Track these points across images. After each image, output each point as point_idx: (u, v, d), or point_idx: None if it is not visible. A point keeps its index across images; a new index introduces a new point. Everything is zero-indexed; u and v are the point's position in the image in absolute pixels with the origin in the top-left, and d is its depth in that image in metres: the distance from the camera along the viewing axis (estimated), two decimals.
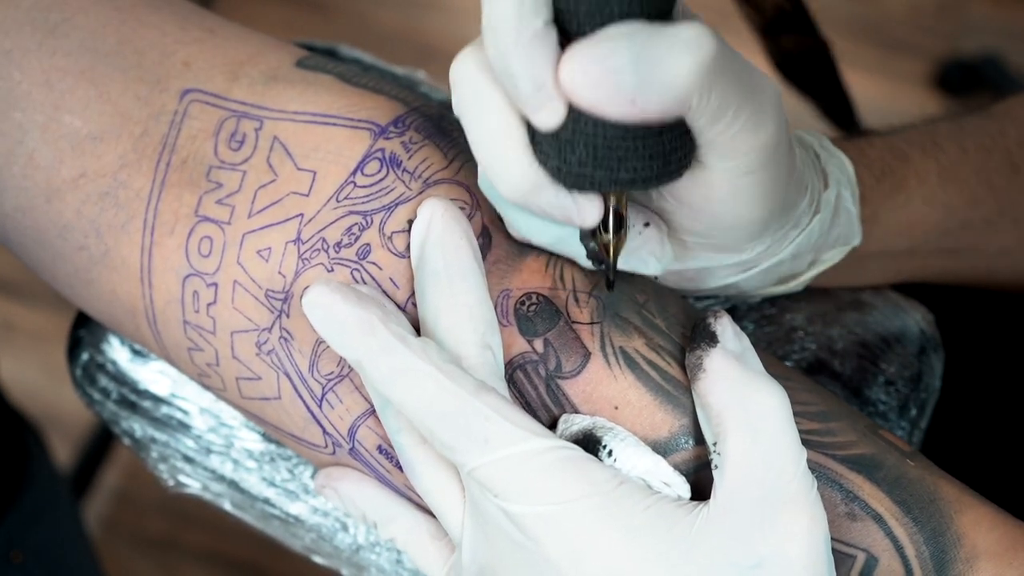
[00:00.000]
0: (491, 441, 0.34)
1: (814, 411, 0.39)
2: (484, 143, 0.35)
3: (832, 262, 0.43)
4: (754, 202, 0.36)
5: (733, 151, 0.34)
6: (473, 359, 0.36)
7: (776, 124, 0.34)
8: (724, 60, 0.31)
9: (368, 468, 0.41)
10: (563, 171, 0.34)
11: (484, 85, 0.34)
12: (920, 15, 1.66)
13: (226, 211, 0.41)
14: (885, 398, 0.48)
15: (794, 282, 0.44)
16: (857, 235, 0.43)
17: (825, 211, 0.41)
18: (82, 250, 0.43)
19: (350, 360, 0.36)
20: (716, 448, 0.35)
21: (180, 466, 0.51)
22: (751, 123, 0.33)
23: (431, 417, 0.35)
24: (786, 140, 0.35)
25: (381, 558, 0.49)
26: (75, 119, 0.42)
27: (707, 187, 0.35)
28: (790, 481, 0.34)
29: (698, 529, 0.34)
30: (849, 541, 0.38)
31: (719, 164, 0.34)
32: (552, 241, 0.38)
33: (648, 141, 0.33)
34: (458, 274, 0.37)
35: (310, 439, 0.42)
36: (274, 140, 0.41)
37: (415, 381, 0.35)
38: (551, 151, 0.34)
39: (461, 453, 0.35)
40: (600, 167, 0.33)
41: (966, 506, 0.38)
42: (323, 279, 0.38)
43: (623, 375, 0.38)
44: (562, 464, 0.34)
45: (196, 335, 0.42)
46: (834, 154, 0.43)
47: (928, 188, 0.45)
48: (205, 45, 0.44)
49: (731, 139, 0.33)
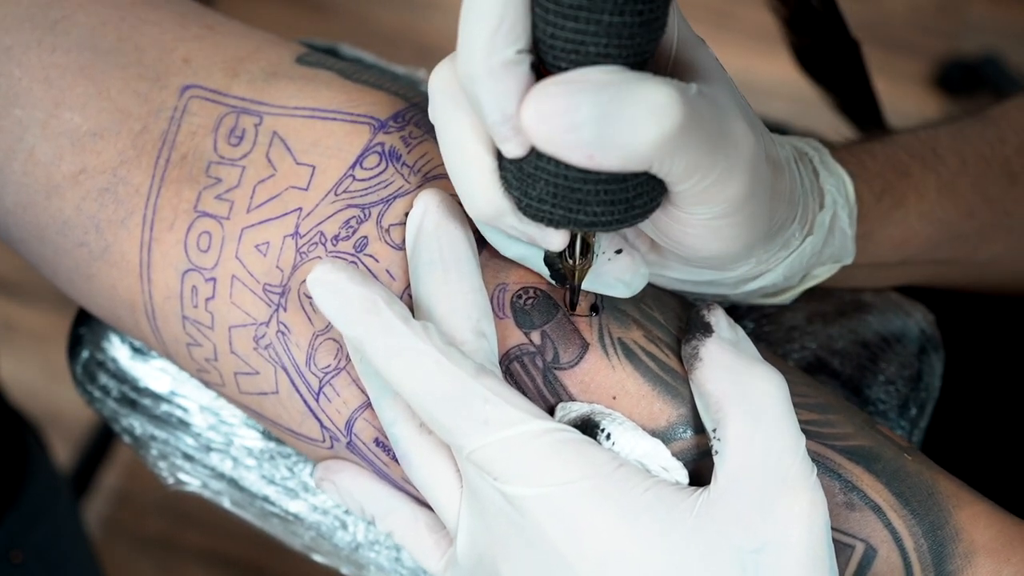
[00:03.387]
0: (490, 423, 0.34)
1: (812, 403, 0.39)
2: (453, 162, 0.35)
3: (822, 278, 0.43)
4: (732, 240, 0.35)
5: (704, 203, 0.33)
6: (469, 345, 0.36)
7: (750, 177, 0.33)
8: (692, 125, 0.30)
9: (365, 461, 0.41)
10: (523, 203, 0.33)
11: (456, 104, 0.33)
12: (920, 15, 1.66)
13: (225, 206, 0.41)
14: (885, 397, 0.48)
15: (784, 295, 0.44)
16: (850, 254, 0.43)
17: (818, 233, 0.41)
18: (82, 246, 0.43)
19: (350, 338, 0.35)
20: (716, 434, 0.35)
21: (180, 464, 0.51)
22: (722, 179, 0.32)
23: (430, 398, 0.34)
24: (764, 185, 0.35)
25: (380, 556, 0.49)
26: (75, 116, 0.42)
27: (682, 224, 0.35)
28: (791, 465, 0.34)
29: (699, 512, 0.34)
30: (848, 531, 0.38)
31: (689, 209, 0.34)
32: (517, 257, 0.38)
33: (611, 187, 0.32)
34: (453, 263, 0.37)
35: (308, 433, 0.42)
36: (273, 135, 0.42)
37: (415, 361, 0.34)
38: (514, 181, 0.33)
39: (460, 435, 0.34)
40: (559, 207, 0.32)
41: (964, 502, 0.38)
42: (328, 259, 0.38)
43: (621, 365, 0.38)
44: (561, 446, 0.34)
45: (195, 330, 0.42)
46: (833, 171, 0.42)
47: (926, 204, 0.45)
48: (205, 42, 0.44)
49: (701, 193, 0.33)
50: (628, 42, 0.30)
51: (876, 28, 1.61)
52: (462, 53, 0.31)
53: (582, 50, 0.30)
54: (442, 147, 0.35)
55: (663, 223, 0.35)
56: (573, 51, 0.30)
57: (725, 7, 1.62)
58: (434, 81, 0.34)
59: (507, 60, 0.30)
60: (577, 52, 0.30)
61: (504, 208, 0.34)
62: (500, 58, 0.30)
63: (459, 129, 0.34)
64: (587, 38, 0.29)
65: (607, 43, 0.30)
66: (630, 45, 0.30)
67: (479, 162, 0.34)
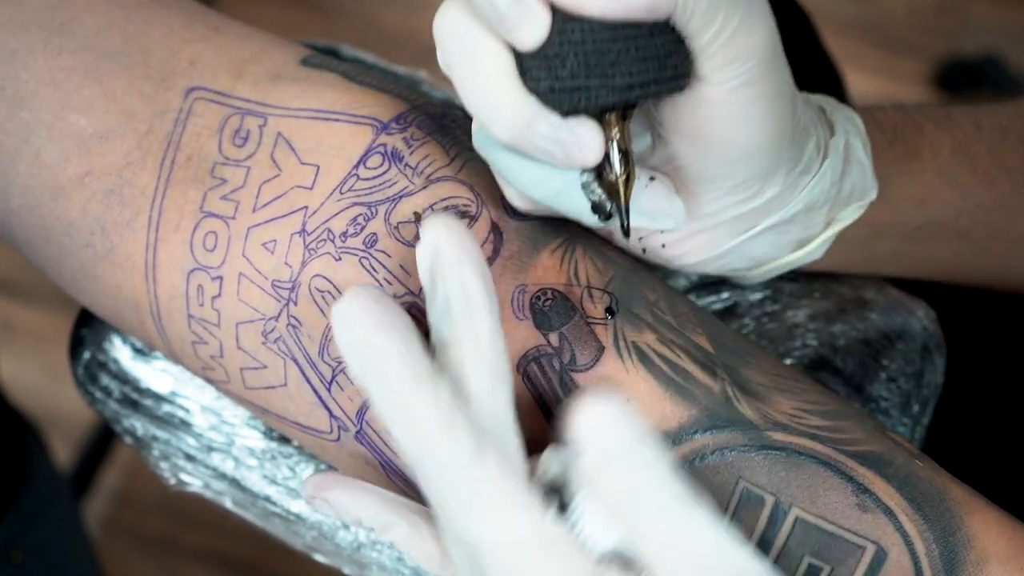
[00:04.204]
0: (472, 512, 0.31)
1: (823, 409, 0.39)
2: (472, 84, 0.34)
3: (849, 220, 0.42)
4: (757, 121, 0.35)
5: (728, 57, 0.33)
6: (483, 397, 0.34)
7: (770, 28, 0.34)
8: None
9: (373, 451, 0.41)
10: (556, 90, 0.33)
11: (466, 25, 0.33)
12: (920, 15, 1.66)
13: (231, 206, 0.41)
14: (887, 395, 0.48)
15: (811, 245, 0.42)
16: (873, 187, 0.42)
17: (834, 157, 0.40)
18: (87, 247, 0.43)
19: (358, 386, 0.34)
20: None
21: (181, 464, 0.51)
22: (744, 26, 0.33)
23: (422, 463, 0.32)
24: (781, 53, 0.35)
25: (383, 556, 0.49)
26: (81, 118, 0.42)
27: (707, 106, 0.35)
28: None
29: None
30: (859, 532, 0.37)
31: (716, 75, 0.34)
32: (552, 193, 0.37)
33: (640, 42, 0.32)
34: (468, 306, 0.34)
35: (316, 425, 0.41)
36: (278, 136, 0.42)
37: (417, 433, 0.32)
38: (541, 72, 0.33)
39: (442, 508, 0.32)
40: (593, 75, 0.32)
41: (975, 509, 0.38)
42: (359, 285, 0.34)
43: (635, 369, 0.38)
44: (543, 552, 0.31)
45: (200, 328, 0.42)
46: (840, 108, 0.42)
47: (942, 161, 0.44)
48: (210, 43, 0.44)
49: (725, 43, 0.33)
50: None
51: (876, 28, 1.61)
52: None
53: None
54: (458, 80, 0.34)
55: (687, 116, 0.35)
56: None
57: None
58: (438, 22, 0.34)
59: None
60: None
61: (535, 112, 0.34)
62: None
63: (472, 49, 0.33)
64: None
65: None
66: None
67: (500, 70, 0.33)
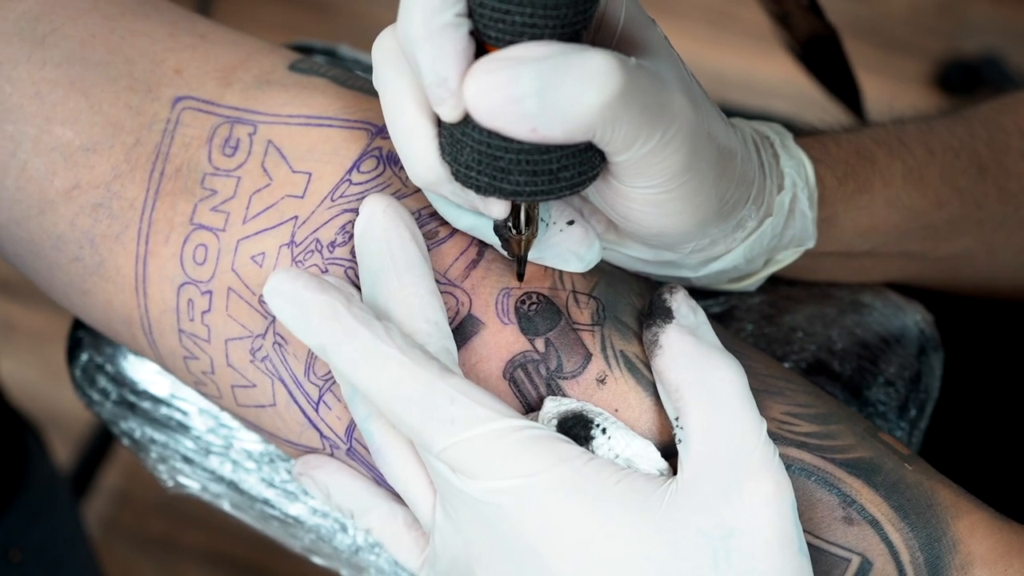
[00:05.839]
0: (457, 421, 0.34)
1: (813, 413, 0.39)
2: (395, 128, 0.35)
3: (786, 263, 0.43)
4: (677, 215, 0.36)
5: (643, 175, 0.34)
6: (432, 347, 0.36)
7: (688, 150, 0.34)
8: (633, 91, 0.31)
9: (365, 468, 0.41)
10: (454, 169, 0.34)
11: (398, 70, 0.34)
12: (920, 15, 1.66)
13: (221, 218, 0.41)
14: (884, 399, 0.48)
15: (749, 280, 0.44)
16: (811, 238, 0.43)
17: (778, 215, 0.41)
18: (76, 261, 0.43)
19: (313, 346, 0.35)
20: (678, 423, 0.36)
21: (179, 467, 0.51)
22: (659, 149, 0.33)
23: (396, 400, 0.34)
24: (707, 158, 0.35)
25: (380, 559, 0.49)
26: (67, 130, 0.42)
27: (626, 200, 0.35)
28: (753, 451, 0.35)
29: (668, 502, 0.34)
30: (845, 545, 0.37)
31: (631, 183, 0.34)
32: (469, 228, 0.38)
33: (532, 157, 0.32)
34: (405, 267, 0.37)
35: (307, 444, 0.41)
36: (268, 144, 0.41)
37: (380, 364, 0.34)
38: (447, 147, 0.34)
39: (427, 435, 0.34)
40: (483, 174, 0.33)
41: (963, 511, 0.38)
42: (283, 268, 0.37)
43: (624, 378, 0.38)
44: (531, 442, 0.34)
45: (191, 343, 0.42)
46: (794, 154, 0.42)
47: (892, 191, 0.45)
48: (196, 51, 0.43)
49: (639, 162, 0.33)
50: (553, 12, 0.30)
51: (876, 28, 1.61)
52: (402, 16, 0.31)
53: (507, 19, 0.30)
54: (385, 113, 0.35)
55: (610, 198, 0.36)
56: (499, 20, 0.30)
57: (725, 7, 1.62)
58: (377, 48, 0.35)
59: (445, 23, 0.31)
60: (503, 22, 0.30)
61: (442, 175, 0.35)
62: (439, 21, 0.31)
63: (400, 95, 0.34)
64: (512, 7, 0.30)
65: (531, 13, 0.30)
66: (556, 16, 0.30)
67: (419, 128, 0.34)
